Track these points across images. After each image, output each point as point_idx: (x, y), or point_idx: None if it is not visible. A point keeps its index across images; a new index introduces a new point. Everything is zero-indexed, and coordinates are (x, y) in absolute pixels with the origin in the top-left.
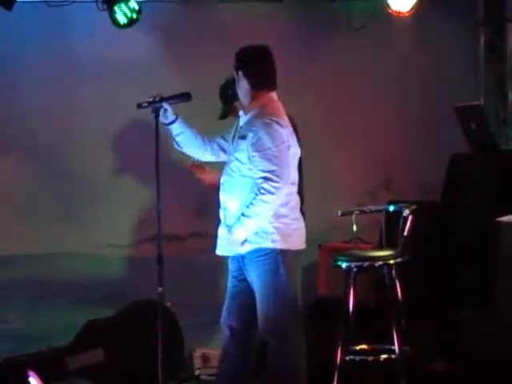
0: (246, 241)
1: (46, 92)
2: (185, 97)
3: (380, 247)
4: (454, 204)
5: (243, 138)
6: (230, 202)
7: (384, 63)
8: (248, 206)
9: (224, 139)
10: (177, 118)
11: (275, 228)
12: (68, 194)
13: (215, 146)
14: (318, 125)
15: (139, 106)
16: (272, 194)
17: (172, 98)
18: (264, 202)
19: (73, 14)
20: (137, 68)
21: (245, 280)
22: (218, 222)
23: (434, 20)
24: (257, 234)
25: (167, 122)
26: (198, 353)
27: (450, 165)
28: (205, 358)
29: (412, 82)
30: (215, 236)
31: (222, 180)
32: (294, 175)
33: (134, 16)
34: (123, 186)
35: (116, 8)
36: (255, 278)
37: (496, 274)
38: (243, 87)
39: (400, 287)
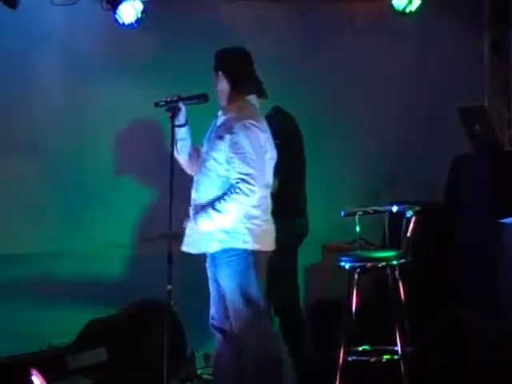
0: (213, 238)
1: (50, 92)
2: (201, 98)
3: (383, 248)
4: (457, 205)
5: (220, 138)
6: (202, 199)
7: (387, 64)
8: (220, 201)
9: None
10: (187, 123)
11: (247, 229)
12: (70, 194)
13: None
14: (321, 125)
15: (156, 104)
16: (247, 195)
17: (189, 99)
18: (237, 201)
19: (77, 13)
20: (140, 68)
21: None
22: None
23: (438, 21)
24: (228, 233)
25: (178, 123)
26: (199, 352)
27: (453, 166)
28: (207, 358)
29: (415, 83)
30: None
31: (195, 178)
32: (269, 179)
33: (139, 16)
34: (125, 186)
35: (120, 8)
36: (225, 277)
37: (498, 275)
38: (223, 88)
39: (403, 288)
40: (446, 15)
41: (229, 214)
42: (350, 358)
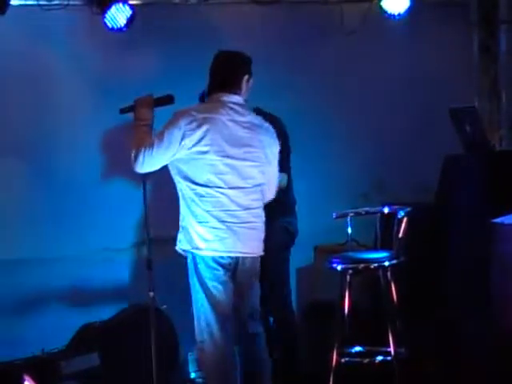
0: None
1: (37, 96)
2: (168, 100)
3: (375, 249)
4: (449, 205)
5: None
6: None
7: (377, 65)
8: None
9: None
10: (152, 127)
11: None
12: (60, 198)
13: None
14: (311, 127)
15: (122, 110)
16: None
17: (155, 102)
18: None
19: (66, 17)
20: (129, 71)
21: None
22: None
23: (428, 22)
24: None
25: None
26: (192, 356)
27: (444, 166)
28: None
29: (405, 84)
30: None
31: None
32: (212, 179)
33: (128, 19)
34: (116, 189)
35: (110, 11)
36: None
37: (490, 275)
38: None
39: (395, 289)
40: (435, 16)
41: None
42: (342, 360)
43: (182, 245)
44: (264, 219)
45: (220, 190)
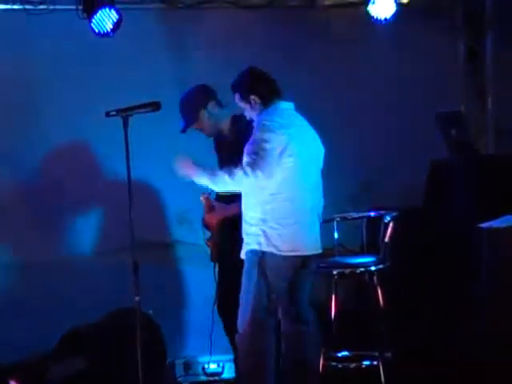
0: None
1: (24, 100)
2: (154, 106)
3: (362, 254)
4: (435, 210)
5: None
6: None
7: (364, 69)
8: None
9: None
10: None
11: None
12: (44, 202)
13: None
14: None
15: (108, 114)
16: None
17: (140, 107)
18: None
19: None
20: (114, 76)
21: None
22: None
23: (414, 26)
24: None
25: None
26: (179, 361)
27: (431, 171)
28: (186, 367)
29: (392, 88)
30: (196, 243)
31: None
32: None
33: (115, 24)
34: (100, 194)
35: (96, 16)
36: None
37: (477, 279)
38: None
39: (381, 293)
40: (421, 21)
41: None
42: (329, 364)
43: None
44: None
45: None
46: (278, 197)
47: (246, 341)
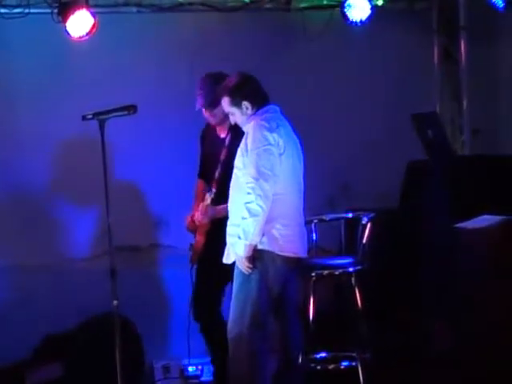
0: None
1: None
2: (130, 109)
3: (340, 255)
4: (412, 211)
5: None
6: None
7: (340, 72)
8: None
9: None
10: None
11: None
12: (21, 206)
13: None
14: None
15: (84, 117)
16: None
17: (117, 111)
18: None
19: (28, 25)
20: (89, 81)
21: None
22: (178, 232)
23: (390, 28)
24: None
25: None
26: (158, 364)
27: (407, 172)
28: (165, 370)
29: (368, 91)
30: (175, 247)
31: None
32: None
33: (90, 28)
34: (79, 199)
35: (72, 20)
36: None
37: (455, 279)
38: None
39: (359, 294)
40: (396, 23)
41: None
42: (308, 365)
43: None
44: None
45: None
46: (281, 197)
47: (244, 344)
